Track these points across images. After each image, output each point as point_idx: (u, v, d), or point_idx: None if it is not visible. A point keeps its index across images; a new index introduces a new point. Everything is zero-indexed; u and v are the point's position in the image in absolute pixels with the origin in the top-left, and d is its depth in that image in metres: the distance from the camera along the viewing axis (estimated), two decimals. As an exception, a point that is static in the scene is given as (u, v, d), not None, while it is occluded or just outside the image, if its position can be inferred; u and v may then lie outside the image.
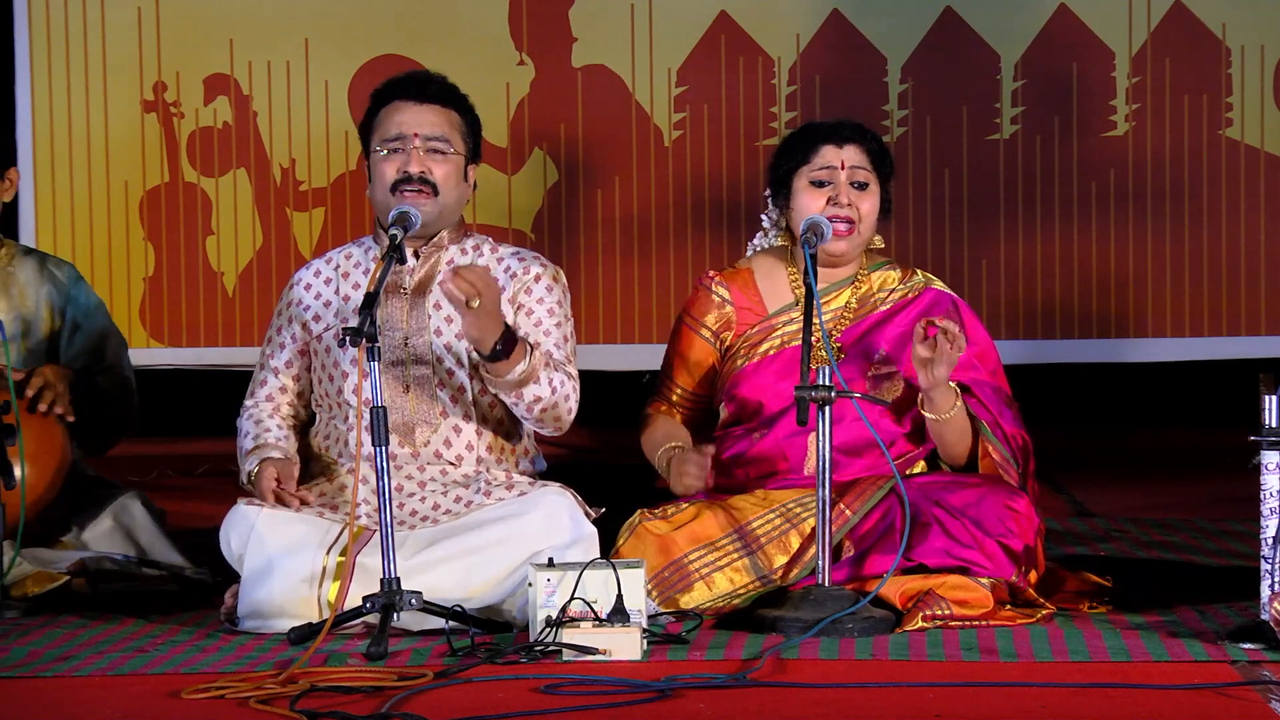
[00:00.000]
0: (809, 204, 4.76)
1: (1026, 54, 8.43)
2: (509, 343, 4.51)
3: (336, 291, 4.81)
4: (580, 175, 8.61)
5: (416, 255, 4.76)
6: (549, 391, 4.61)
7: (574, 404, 4.69)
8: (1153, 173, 8.41)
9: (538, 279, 4.77)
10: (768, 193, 4.94)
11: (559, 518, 4.52)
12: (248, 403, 4.85)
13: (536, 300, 4.76)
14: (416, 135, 4.69)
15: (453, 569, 4.46)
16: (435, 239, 4.77)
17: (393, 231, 4.56)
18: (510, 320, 4.67)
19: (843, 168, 4.76)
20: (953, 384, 4.67)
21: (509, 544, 4.47)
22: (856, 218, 4.76)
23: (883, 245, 4.90)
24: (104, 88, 8.69)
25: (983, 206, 8.48)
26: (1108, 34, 8.40)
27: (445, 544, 4.49)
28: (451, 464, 4.69)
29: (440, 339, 4.71)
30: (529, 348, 4.57)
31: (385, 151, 4.71)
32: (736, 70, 8.53)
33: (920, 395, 4.68)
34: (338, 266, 4.85)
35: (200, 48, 8.65)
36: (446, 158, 4.71)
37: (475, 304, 4.41)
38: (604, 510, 4.61)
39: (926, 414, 4.68)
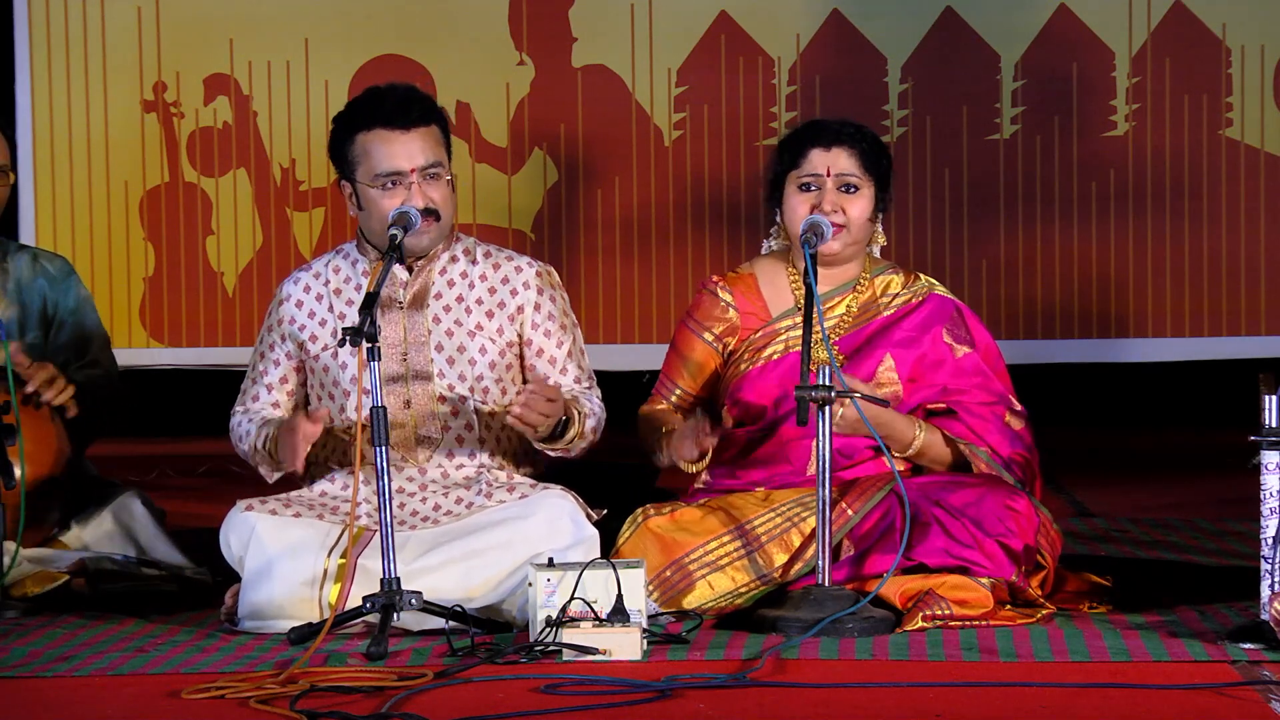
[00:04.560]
0: (797, 208, 4.76)
1: (1026, 54, 8.44)
2: (565, 422, 4.59)
3: (330, 309, 4.76)
4: (580, 175, 8.61)
5: (410, 269, 4.72)
6: (592, 435, 4.69)
7: (602, 422, 4.75)
8: (1153, 173, 8.41)
9: (537, 306, 4.75)
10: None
11: (560, 520, 4.51)
12: (237, 409, 4.82)
13: (543, 334, 4.75)
14: (413, 170, 4.62)
15: (453, 571, 4.45)
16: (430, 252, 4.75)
17: (392, 231, 4.54)
18: (520, 332, 4.71)
19: (829, 174, 4.75)
20: (916, 417, 4.68)
21: (510, 547, 4.46)
22: (844, 221, 4.75)
23: (884, 242, 4.90)
24: (104, 88, 8.69)
25: (983, 206, 8.49)
26: (1108, 34, 8.41)
27: (446, 548, 4.49)
28: (453, 469, 4.68)
29: (441, 354, 4.69)
30: (578, 414, 4.63)
31: (382, 187, 4.64)
32: (736, 70, 8.53)
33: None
34: (326, 281, 4.79)
35: (200, 48, 8.65)
36: (441, 180, 4.67)
37: (543, 430, 4.51)
38: (605, 512, 4.61)
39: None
